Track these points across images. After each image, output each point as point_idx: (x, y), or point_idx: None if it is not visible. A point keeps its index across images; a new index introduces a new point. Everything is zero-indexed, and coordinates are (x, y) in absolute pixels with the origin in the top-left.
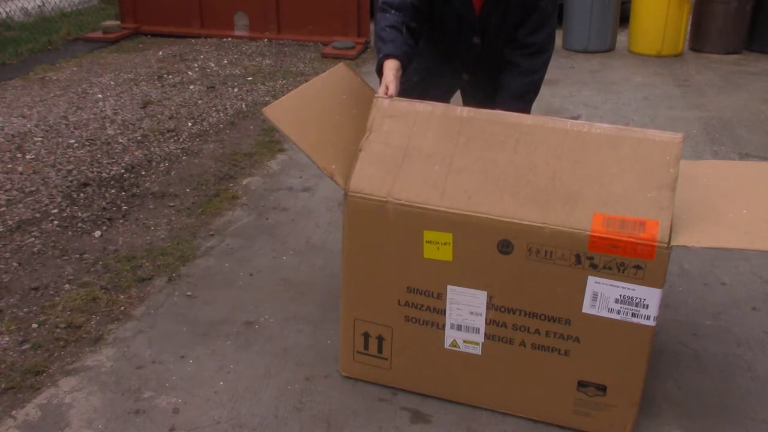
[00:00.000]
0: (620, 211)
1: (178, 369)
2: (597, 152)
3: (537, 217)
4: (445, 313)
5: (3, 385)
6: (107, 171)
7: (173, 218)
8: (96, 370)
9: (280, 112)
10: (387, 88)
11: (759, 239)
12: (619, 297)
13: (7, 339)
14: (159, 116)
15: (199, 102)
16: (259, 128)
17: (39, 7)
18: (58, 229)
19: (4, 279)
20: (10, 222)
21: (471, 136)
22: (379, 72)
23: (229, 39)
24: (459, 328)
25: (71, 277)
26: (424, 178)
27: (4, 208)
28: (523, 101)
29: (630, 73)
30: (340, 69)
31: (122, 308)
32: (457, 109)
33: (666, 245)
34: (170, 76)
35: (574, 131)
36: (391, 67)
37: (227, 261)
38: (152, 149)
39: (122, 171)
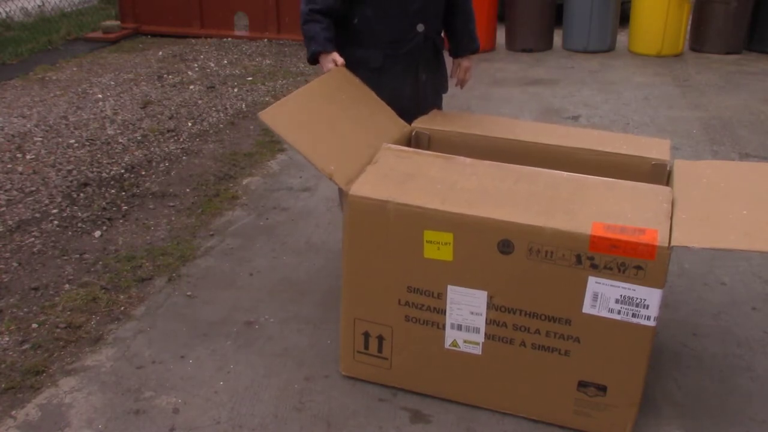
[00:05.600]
0: (620, 222)
1: (178, 369)
2: (593, 189)
3: (538, 220)
4: (445, 313)
5: (3, 385)
6: (107, 171)
7: (173, 218)
8: (96, 370)
9: (277, 115)
10: (335, 62)
11: (759, 240)
12: (619, 297)
13: (7, 339)
14: (159, 116)
15: (199, 102)
16: (259, 128)
17: (39, 7)
18: (58, 229)
19: (4, 279)
20: (10, 222)
21: (473, 172)
22: (313, 62)
23: (229, 39)
24: (459, 327)
25: (71, 277)
26: (426, 191)
27: (4, 208)
28: (475, 41)
29: (630, 73)
30: (338, 70)
31: (122, 308)
32: (459, 158)
33: (666, 245)
34: (170, 76)
35: (572, 177)
36: (327, 59)
37: (227, 261)
38: (152, 149)
39: (122, 171)
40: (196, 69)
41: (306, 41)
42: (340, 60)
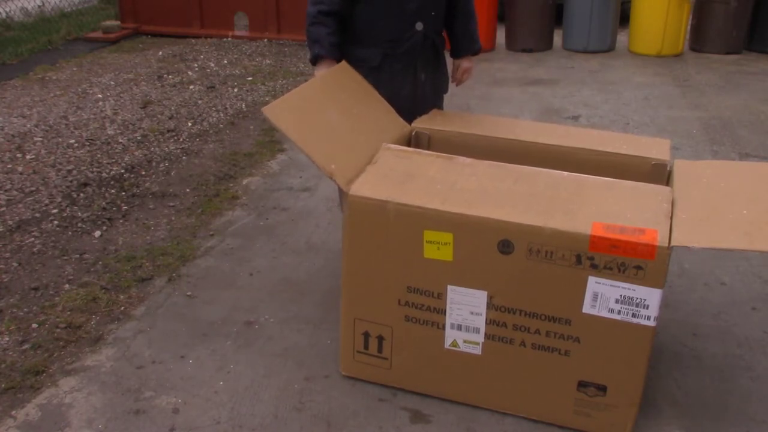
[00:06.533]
0: (620, 222)
1: (178, 369)
2: (593, 189)
3: (537, 220)
4: (445, 313)
5: (3, 385)
6: (107, 171)
7: (173, 218)
8: (96, 370)
9: (280, 111)
10: None
11: (759, 240)
12: (619, 297)
13: (7, 339)
14: (159, 116)
15: (199, 102)
16: (259, 128)
17: (39, 7)
18: (58, 229)
19: (4, 279)
20: (10, 222)
21: (473, 173)
22: (315, 63)
23: (229, 39)
24: (459, 328)
25: (71, 277)
26: (426, 191)
27: (4, 208)
28: (476, 42)
29: (630, 73)
30: (341, 67)
31: (122, 308)
32: (459, 158)
33: (666, 245)
34: (170, 76)
35: (572, 177)
36: (328, 64)
37: (227, 261)
38: (152, 149)
39: (122, 171)
40: (196, 69)
41: (309, 43)
42: None
